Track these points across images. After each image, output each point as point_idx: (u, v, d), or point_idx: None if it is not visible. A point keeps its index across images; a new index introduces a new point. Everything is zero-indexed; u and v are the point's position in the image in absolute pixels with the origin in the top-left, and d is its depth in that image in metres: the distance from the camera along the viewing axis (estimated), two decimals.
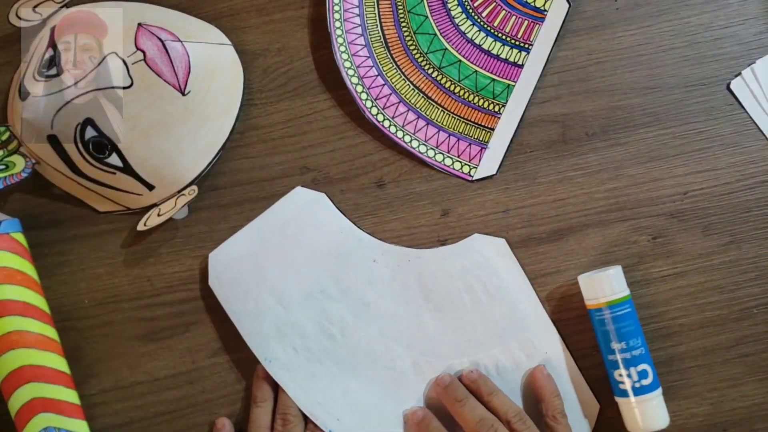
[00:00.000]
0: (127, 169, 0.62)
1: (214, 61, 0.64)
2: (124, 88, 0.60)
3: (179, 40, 0.62)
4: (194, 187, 0.64)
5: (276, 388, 0.63)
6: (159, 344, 0.64)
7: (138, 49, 0.60)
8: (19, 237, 0.63)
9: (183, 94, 0.62)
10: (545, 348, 0.63)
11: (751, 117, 0.64)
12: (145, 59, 0.60)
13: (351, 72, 0.65)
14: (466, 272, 0.64)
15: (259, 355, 0.63)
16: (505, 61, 0.65)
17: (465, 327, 0.63)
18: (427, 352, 0.63)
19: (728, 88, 0.65)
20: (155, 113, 0.61)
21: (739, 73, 0.65)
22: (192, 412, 0.64)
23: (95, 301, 0.65)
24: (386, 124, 0.65)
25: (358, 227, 0.65)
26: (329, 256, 0.64)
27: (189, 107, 0.62)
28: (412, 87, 0.65)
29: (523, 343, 0.63)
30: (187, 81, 0.62)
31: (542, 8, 0.65)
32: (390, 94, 0.65)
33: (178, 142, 0.63)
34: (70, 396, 0.61)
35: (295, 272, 0.64)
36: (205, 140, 0.64)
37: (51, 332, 0.62)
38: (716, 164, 0.64)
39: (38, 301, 0.62)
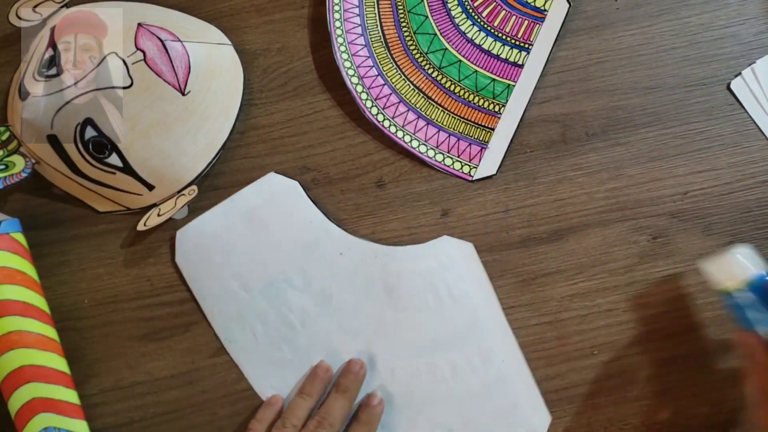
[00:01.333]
0: (127, 169, 0.62)
1: (214, 61, 0.64)
2: (124, 88, 0.60)
3: (179, 40, 0.62)
4: (194, 187, 0.64)
5: (324, 392, 0.63)
6: (159, 344, 0.64)
7: (138, 49, 0.60)
8: (19, 237, 0.63)
9: (183, 94, 0.62)
10: (502, 356, 0.63)
11: (751, 117, 0.64)
12: (145, 59, 0.60)
13: (351, 72, 0.65)
14: (431, 273, 0.64)
15: (220, 335, 0.64)
16: (505, 61, 0.65)
17: (425, 327, 0.63)
18: (384, 350, 0.64)
19: (728, 88, 0.65)
20: (155, 113, 0.61)
21: (740, 73, 0.65)
22: (192, 412, 0.64)
23: (95, 301, 0.65)
24: (386, 124, 0.65)
25: (329, 218, 0.65)
26: (296, 245, 0.64)
27: (189, 107, 0.62)
28: (412, 87, 0.65)
29: (481, 349, 0.63)
30: (187, 81, 0.62)
31: (542, 8, 0.65)
32: (390, 94, 0.65)
33: (178, 142, 0.63)
34: (70, 396, 0.61)
35: (260, 258, 0.64)
36: (205, 140, 0.64)
37: (51, 332, 0.62)
38: (716, 164, 0.64)
39: (38, 301, 0.62)
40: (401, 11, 0.66)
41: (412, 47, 0.66)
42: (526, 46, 0.65)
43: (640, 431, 0.62)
